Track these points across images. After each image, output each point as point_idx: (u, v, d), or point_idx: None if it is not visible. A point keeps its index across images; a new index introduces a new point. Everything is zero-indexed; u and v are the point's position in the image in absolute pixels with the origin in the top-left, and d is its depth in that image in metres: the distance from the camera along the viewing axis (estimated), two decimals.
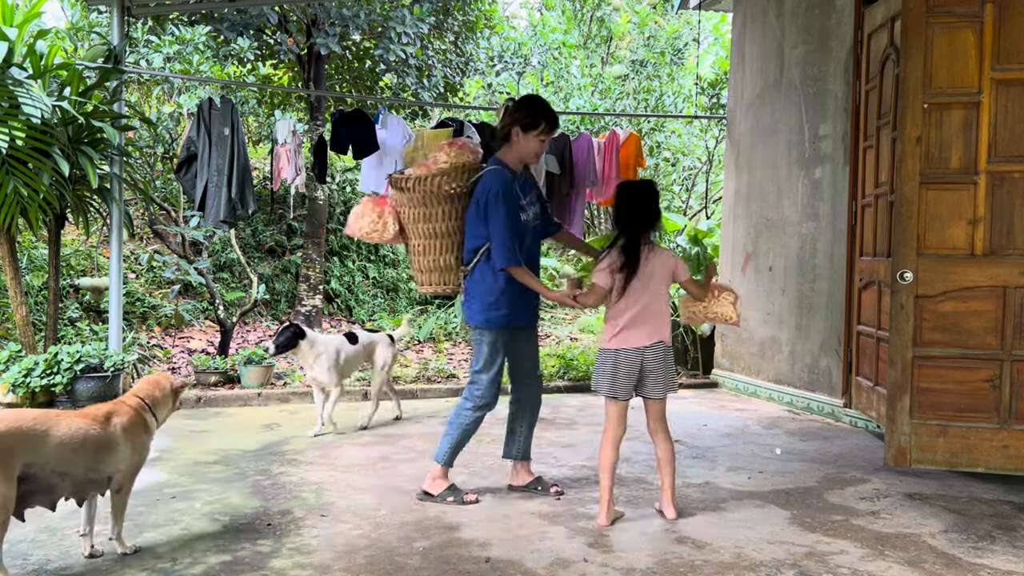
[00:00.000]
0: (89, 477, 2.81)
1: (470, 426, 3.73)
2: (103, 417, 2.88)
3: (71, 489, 2.79)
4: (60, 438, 2.70)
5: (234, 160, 6.14)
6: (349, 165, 10.11)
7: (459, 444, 3.75)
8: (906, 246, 3.90)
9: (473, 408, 3.71)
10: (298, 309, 8.92)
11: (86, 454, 2.76)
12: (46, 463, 2.67)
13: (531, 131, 3.60)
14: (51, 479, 2.71)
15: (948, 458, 3.88)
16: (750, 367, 6.79)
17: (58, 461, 2.70)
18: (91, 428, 2.80)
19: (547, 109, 3.66)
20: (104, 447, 2.82)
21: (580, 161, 6.56)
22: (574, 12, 12.60)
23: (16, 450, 2.58)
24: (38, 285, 7.47)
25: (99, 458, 2.81)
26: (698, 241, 8.20)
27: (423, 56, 9.08)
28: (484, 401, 3.71)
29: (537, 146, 3.65)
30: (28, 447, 2.62)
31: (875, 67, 4.66)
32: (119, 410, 2.95)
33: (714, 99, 9.81)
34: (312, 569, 2.90)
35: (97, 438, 2.80)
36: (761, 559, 3.06)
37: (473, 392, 3.70)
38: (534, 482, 3.89)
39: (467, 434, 3.74)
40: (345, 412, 5.84)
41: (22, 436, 2.61)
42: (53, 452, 2.68)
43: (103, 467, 2.84)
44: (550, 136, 3.67)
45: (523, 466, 3.92)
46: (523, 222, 3.62)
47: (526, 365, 3.87)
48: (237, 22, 8.10)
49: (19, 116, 4.93)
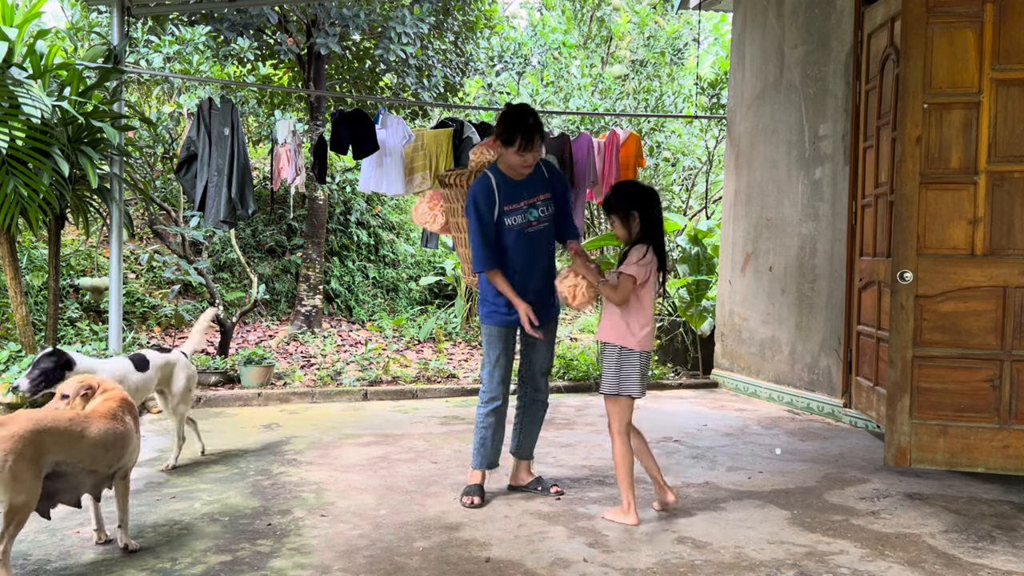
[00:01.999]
0: (109, 473, 2.96)
1: (483, 425, 3.77)
2: (114, 414, 2.99)
3: (92, 485, 2.92)
4: (94, 438, 2.83)
5: (234, 160, 6.14)
6: (349, 165, 10.11)
7: (480, 444, 3.78)
8: (906, 246, 3.90)
9: (481, 404, 3.78)
10: (298, 309, 8.92)
11: (114, 451, 2.92)
12: (79, 462, 2.79)
13: (509, 147, 3.57)
14: (80, 477, 2.82)
15: (948, 458, 3.88)
16: (750, 367, 6.79)
17: (91, 460, 2.83)
18: (115, 427, 2.94)
19: (522, 125, 3.53)
20: (124, 443, 2.98)
21: (580, 161, 6.56)
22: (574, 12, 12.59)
23: (49, 450, 2.67)
24: (38, 285, 7.47)
25: (120, 454, 2.96)
26: (698, 241, 8.20)
27: (423, 56, 9.08)
28: (488, 397, 3.75)
29: (516, 160, 3.58)
30: (63, 447, 2.72)
31: (875, 67, 4.66)
32: (122, 405, 3.06)
33: (714, 99, 9.80)
34: (312, 569, 2.90)
35: (120, 435, 2.95)
36: (761, 559, 3.06)
37: (481, 390, 3.79)
38: (534, 482, 3.91)
39: (484, 433, 3.77)
40: (345, 412, 5.85)
41: (58, 436, 2.71)
42: (87, 452, 2.80)
43: (120, 462, 2.98)
44: (529, 151, 3.55)
45: (524, 466, 3.94)
46: (508, 226, 3.62)
47: (535, 365, 3.87)
48: (237, 22, 8.10)
49: (19, 116, 4.93)
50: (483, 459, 3.79)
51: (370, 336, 9.05)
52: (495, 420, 3.77)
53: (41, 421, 2.68)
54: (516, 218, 3.64)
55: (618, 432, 3.50)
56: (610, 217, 3.54)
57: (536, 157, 3.61)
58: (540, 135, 3.57)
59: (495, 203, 3.61)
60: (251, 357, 6.42)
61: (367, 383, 6.63)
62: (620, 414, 3.50)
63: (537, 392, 3.89)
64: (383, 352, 8.00)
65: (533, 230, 3.69)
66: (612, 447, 3.53)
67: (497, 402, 3.76)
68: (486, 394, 3.76)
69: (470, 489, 3.73)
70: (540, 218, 3.69)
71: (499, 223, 3.63)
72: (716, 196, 10.54)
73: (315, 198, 8.95)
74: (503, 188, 3.63)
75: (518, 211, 3.64)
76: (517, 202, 3.65)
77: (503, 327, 3.74)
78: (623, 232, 3.51)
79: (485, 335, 3.79)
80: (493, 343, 3.75)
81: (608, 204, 3.53)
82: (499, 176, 3.65)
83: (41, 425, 2.67)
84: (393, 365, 7.16)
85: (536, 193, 3.69)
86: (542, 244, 3.73)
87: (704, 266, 8.06)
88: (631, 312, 3.45)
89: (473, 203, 3.61)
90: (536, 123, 3.56)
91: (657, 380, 7.17)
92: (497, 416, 3.78)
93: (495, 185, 3.62)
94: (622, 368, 3.46)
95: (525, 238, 3.67)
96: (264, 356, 6.52)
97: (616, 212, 3.49)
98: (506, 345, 3.75)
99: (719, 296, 7.38)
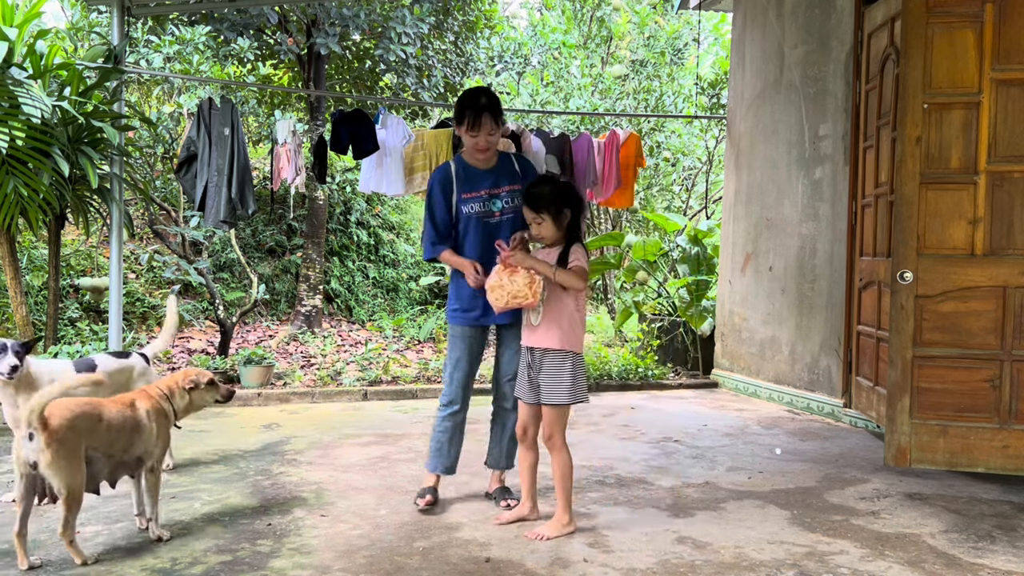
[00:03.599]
0: (123, 459, 3.07)
1: (440, 429, 3.65)
2: (130, 402, 3.15)
3: (108, 471, 3.04)
4: (109, 422, 2.99)
5: (234, 160, 6.14)
6: (349, 165, 10.11)
7: (437, 449, 3.65)
8: (906, 246, 3.90)
9: (440, 407, 3.67)
10: (298, 309, 8.92)
11: (125, 436, 3.05)
12: (99, 446, 2.95)
13: (459, 126, 3.49)
14: (99, 462, 2.97)
15: (948, 458, 3.88)
16: (750, 367, 6.79)
17: (108, 444, 2.98)
18: (126, 412, 3.09)
19: (472, 104, 3.42)
20: (135, 429, 3.09)
21: (580, 161, 6.56)
22: (574, 12, 12.59)
23: (84, 435, 2.87)
24: (38, 285, 7.47)
25: (132, 439, 3.08)
26: (698, 241, 8.20)
27: (423, 56, 9.08)
28: (446, 400, 3.64)
29: (469, 142, 3.49)
30: (90, 431, 2.90)
31: (875, 67, 4.66)
32: (141, 397, 3.22)
33: (714, 99, 9.81)
34: (312, 569, 2.90)
35: (132, 420, 3.09)
36: (761, 559, 3.06)
37: (442, 392, 3.69)
38: (497, 491, 3.74)
39: (440, 438, 3.64)
40: (345, 412, 5.85)
41: (87, 420, 2.89)
42: (104, 435, 2.96)
43: (133, 449, 3.10)
44: (478, 132, 3.43)
45: (495, 475, 3.81)
46: (466, 214, 3.52)
47: (501, 371, 3.71)
48: (237, 22, 8.11)
49: (19, 116, 4.93)
50: (438, 463, 3.66)
51: (370, 336, 9.05)
52: (452, 426, 3.64)
53: (72, 407, 2.86)
54: (475, 206, 3.53)
55: (563, 442, 3.31)
56: (538, 216, 3.27)
57: (490, 141, 3.48)
58: (494, 118, 3.43)
59: (452, 190, 3.52)
60: (251, 357, 6.43)
61: (367, 383, 6.63)
62: (565, 423, 3.33)
63: (503, 400, 3.71)
64: (383, 352, 8.00)
65: (495, 221, 3.55)
66: (554, 459, 3.32)
67: (455, 407, 3.63)
68: (445, 397, 3.65)
69: (423, 491, 3.62)
70: (504, 209, 3.55)
71: (458, 210, 3.54)
72: (716, 196, 10.54)
73: (315, 198, 8.95)
74: (462, 175, 3.54)
75: (477, 199, 3.53)
76: (477, 190, 3.54)
77: (466, 326, 3.61)
78: (553, 231, 3.27)
79: (448, 335, 3.70)
80: (455, 343, 3.64)
81: (536, 201, 3.26)
82: (460, 164, 3.58)
83: (75, 411, 2.86)
84: (393, 365, 7.16)
85: (500, 184, 3.56)
86: (505, 237, 3.50)
87: (704, 266, 8.06)
88: (578, 315, 3.31)
89: (429, 189, 3.57)
90: (489, 104, 3.42)
91: (657, 380, 7.17)
92: (455, 422, 3.64)
93: (454, 172, 3.55)
94: (575, 374, 3.28)
95: (485, 228, 3.53)
96: (264, 356, 6.53)
97: (547, 210, 3.25)
98: (468, 346, 3.62)
99: (719, 296, 7.38)
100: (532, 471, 3.45)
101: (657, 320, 7.97)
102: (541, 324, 3.29)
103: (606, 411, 5.99)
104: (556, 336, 3.26)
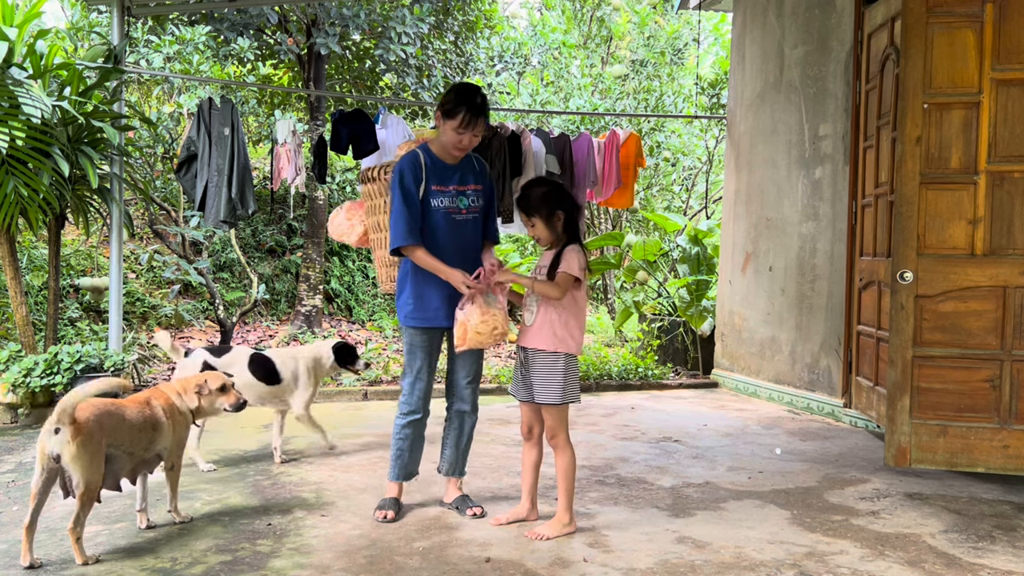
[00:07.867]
0: (144, 456, 3.16)
1: (399, 437, 3.52)
2: (146, 400, 3.22)
3: (129, 468, 3.12)
4: (131, 420, 3.07)
5: (234, 160, 6.14)
6: (349, 165, 10.11)
7: (397, 456, 3.54)
8: (906, 246, 3.90)
9: (399, 416, 3.52)
10: (298, 309, 8.92)
11: (146, 434, 3.14)
12: (121, 444, 3.02)
13: (449, 120, 3.30)
14: (122, 460, 3.05)
15: (948, 458, 3.88)
16: (750, 367, 6.79)
17: (130, 442, 3.06)
18: (144, 410, 3.16)
19: (471, 101, 3.28)
20: (155, 427, 3.18)
21: (580, 161, 6.56)
22: (574, 12, 12.59)
23: (108, 432, 2.95)
24: (38, 285, 7.47)
25: (152, 437, 3.16)
26: (698, 241, 8.20)
27: (423, 56, 9.08)
28: (406, 409, 3.49)
29: (453, 138, 3.32)
30: (112, 429, 2.97)
31: (875, 67, 4.66)
32: (155, 395, 3.28)
33: (714, 99, 9.81)
34: (312, 569, 2.90)
35: (149, 418, 3.17)
36: (761, 559, 3.06)
37: (400, 400, 3.53)
38: (458, 499, 3.61)
39: (400, 445, 3.52)
40: (345, 412, 5.85)
41: (110, 418, 2.97)
42: (127, 433, 3.04)
43: (153, 446, 3.18)
44: (469, 131, 3.31)
45: (452, 483, 3.67)
46: (434, 207, 3.36)
47: (459, 374, 3.55)
48: (237, 22, 8.11)
49: (19, 116, 4.93)
50: (400, 471, 3.55)
51: (370, 336, 9.05)
52: (412, 432, 3.51)
53: (98, 405, 2.94)
54: (443, 200, 3.38)
55: (567, 441, 3.31)
56: (530, 219, 3.29)
57: (473, 142, 3.37)
58: (485, 120, 3.34)
59: (422, 180, 3.35)
60: None
61: (367, 383, 6.63)
62: (565, 421, 3.32)
63: (462, 403, 3.57)
64: (383, 352, 8.00)
65: (460, 218, 3.42)
66: (558, 458, 3.31)
67: (416, 415, 3.49)
68: (405, 406, 3.48)
69: (384, 503, 3.51)
70: (469, 208, 3.44)
71: (425, 203, 3.36)
72: (716, 196, 10.54)
73: (315, 198, 8.95)
74: (432, 167, 3.39)
75: (446, 194, 3.39)
76: (446, 185, 3.40)
77: (427, 329, 3.44)
78: (546, 233, 3.27)
79: (406, 340, 3.47)
80: (415, 351, 3.44)
81: (528, 204, 3.28)
82: (429, 155, 3.41)
83: (100, 409, 2.93)
84: (393, 365, 7.16)
85: (467, 182, 3.45)
86: (469, 235, 3.44)
87: (704, 266, 8.06)
88: (573, 316, 3.26)
89: (399, 176, 3.35)
90: (484, 105, 3.31)
91: (657, 380, 7.17)
92: (415, 429, 3.52)
93: (423, 162, 3.37)
94: (568, 375, 3.26)
95: (453, 224, 3.40)
96: None
97: (538, 213, 3.25)
98: (429, 353, 3.46)
99: (719, 296, 7.38)
100: (535, 469, 3.45)
101: (657, 320, 7.97)
102: (534, 324, 3.28)
103: (606, 411, 5.99)
104: (548, 338, 3.25)
